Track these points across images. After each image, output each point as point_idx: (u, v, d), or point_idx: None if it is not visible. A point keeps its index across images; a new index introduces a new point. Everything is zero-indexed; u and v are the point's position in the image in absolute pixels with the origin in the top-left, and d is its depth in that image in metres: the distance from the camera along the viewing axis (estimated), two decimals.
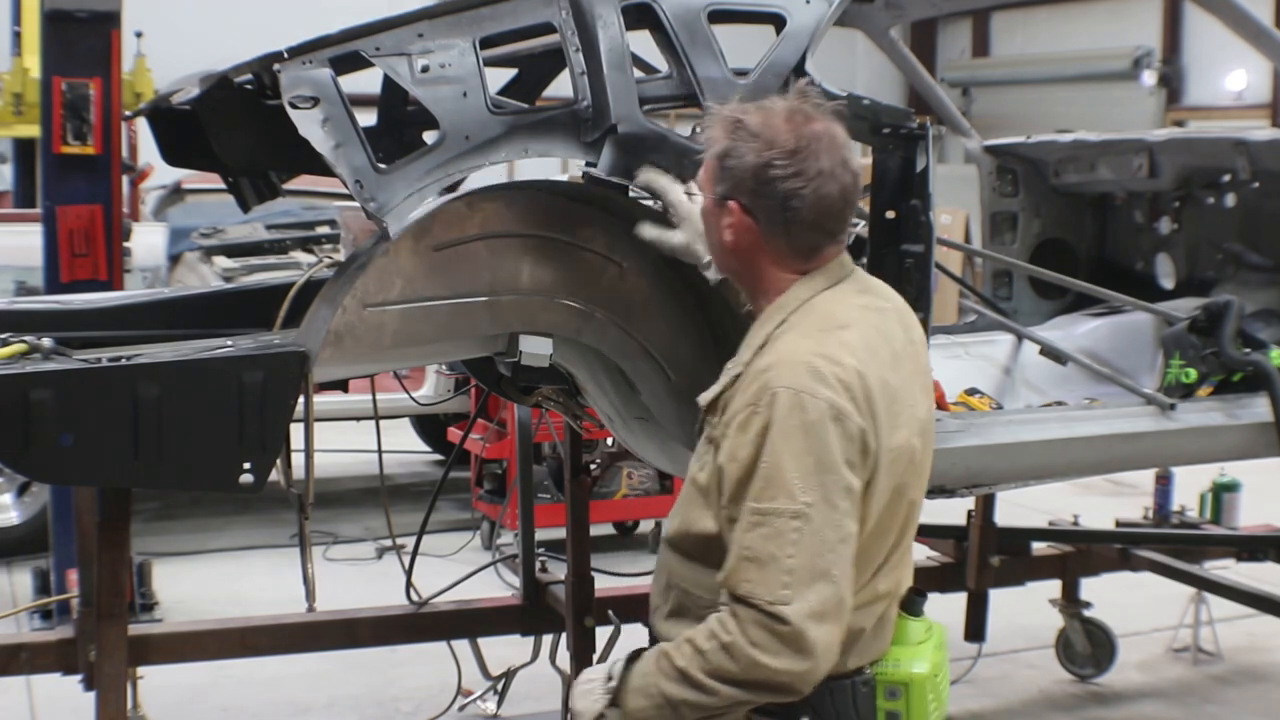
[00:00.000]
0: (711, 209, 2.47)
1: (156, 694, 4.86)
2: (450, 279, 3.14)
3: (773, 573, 2.17)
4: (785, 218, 2.38)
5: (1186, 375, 4.27)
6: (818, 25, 3.57)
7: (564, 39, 3.29)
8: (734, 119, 2.42)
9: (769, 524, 2.19)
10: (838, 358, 2.29)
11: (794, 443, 2.21)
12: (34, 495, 7.01)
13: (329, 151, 3.01)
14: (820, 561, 2.19)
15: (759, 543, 2.19)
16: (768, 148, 2.37)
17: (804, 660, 2.18)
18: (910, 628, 2.47)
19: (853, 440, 2.25)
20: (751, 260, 2.44)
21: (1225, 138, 4.84)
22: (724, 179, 2.42)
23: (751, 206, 2.39)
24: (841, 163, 2.40)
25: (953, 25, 23.27)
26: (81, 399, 2.81)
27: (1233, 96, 19.15)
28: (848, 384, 2.26)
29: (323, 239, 8.28)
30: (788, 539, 2.18)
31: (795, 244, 2.41)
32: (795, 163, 2.36)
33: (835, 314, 2.38)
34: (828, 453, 2.22)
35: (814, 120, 2.40)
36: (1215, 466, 5.79)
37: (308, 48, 3.11)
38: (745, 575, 2.19)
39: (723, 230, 2.43)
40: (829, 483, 2.21)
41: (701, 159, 2.50)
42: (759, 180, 2.37)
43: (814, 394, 2.23)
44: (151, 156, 5.51)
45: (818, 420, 2.22)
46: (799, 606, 2.17)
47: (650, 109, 3.34)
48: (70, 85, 5.42)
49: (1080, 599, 5.78)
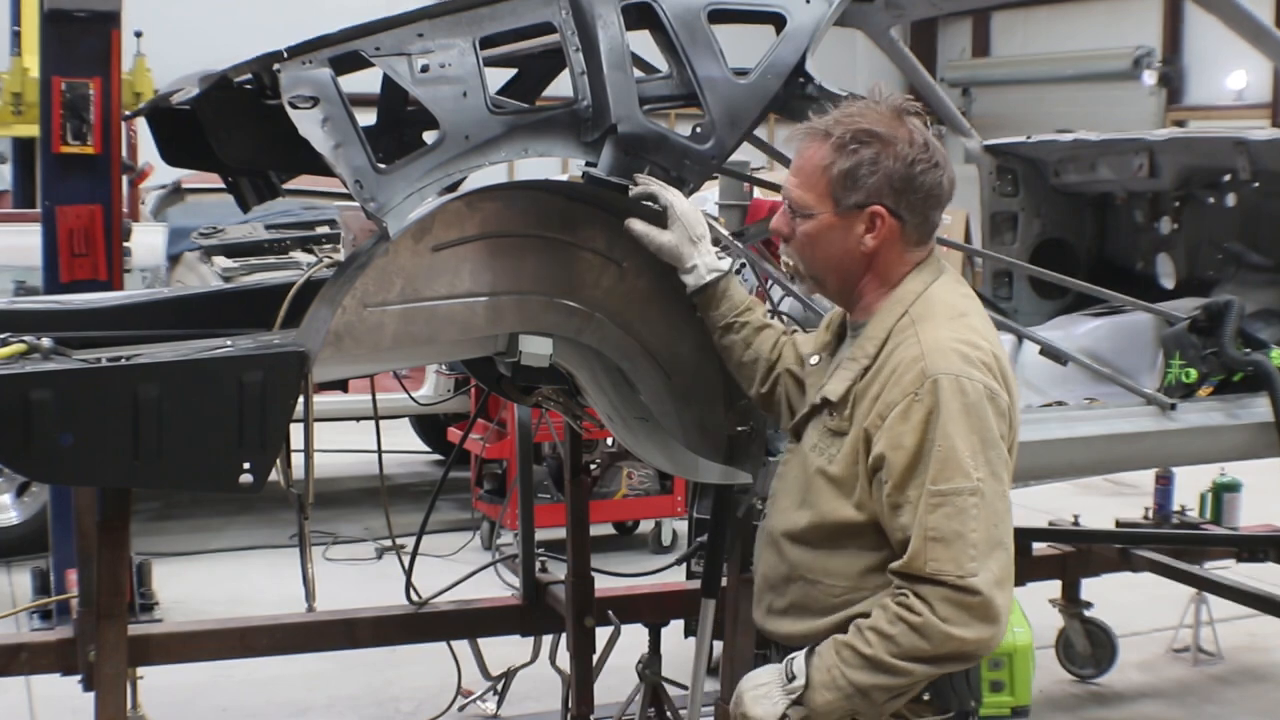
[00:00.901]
0: (837, 223, 2.51)
1: (156, 694, 4.86)
2: (450, 279, 3.14)
3: (960, 549, 2.29)
4: (926, 210, 2.49)
5: (1187, 375, 4.27)
6: (818, 25, 3.57)
7: (564, 39, 3.29)
8: (847, 131, 2.47)
9: (950, 503, 2.31)
10: (976, 342, 2.43)
11: (961, 424, 2.33)
12: (34, 495, 7.02)
13: (329, 151, 3.01)
14: (996, 531, 2.33)
15: (943, 522, 2.30)
16: (908, 147, 2.46)
17: (993, 626, 2.29)
18: None
19: (1004, 416, 2.40)
20: (876, 260, 2.52)
21: (1226, 137, 4.84)
22: (857, 189, 2.47)
23: (897, 207, 2.47)
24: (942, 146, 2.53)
25: (953, 25, 23.27)
26: (81, 399, 2.81)
27: (1233, 96, 19.15)
28: (990, 365, 2.41)
29: (323, 239, 8.28)
30: (970, 515, 2.30)
31: (924, 234, 2.53)
32: (930, 155, 2.47)
33: (954, 303, 2.51)
34: (989, 430, 2.36)
35: (912, 113, 2.51)
36: (1215, 466, 5.79)
37: (308, 48, 3.10)
38: (932, 555, 2.30)
39: (857, 243, 2.50)
40: (993, 457, 2.35)
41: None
42: (907, 180, 2.46)
43: (970, 376, 2.37)
44: (151, 156, 5.51)
45: (977, 401, 2.35)
46: (985, 577, 2.29)
47: (650, 109, 3.34)
48: (70, 85, 5.43)
49: (1080, 599, 5.78)
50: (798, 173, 2.54)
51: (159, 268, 7.77)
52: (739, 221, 7.07)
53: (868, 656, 2.32)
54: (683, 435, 3.37)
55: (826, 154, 2.49)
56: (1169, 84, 20.22)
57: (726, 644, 4.04)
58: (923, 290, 2.51)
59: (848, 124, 2.48)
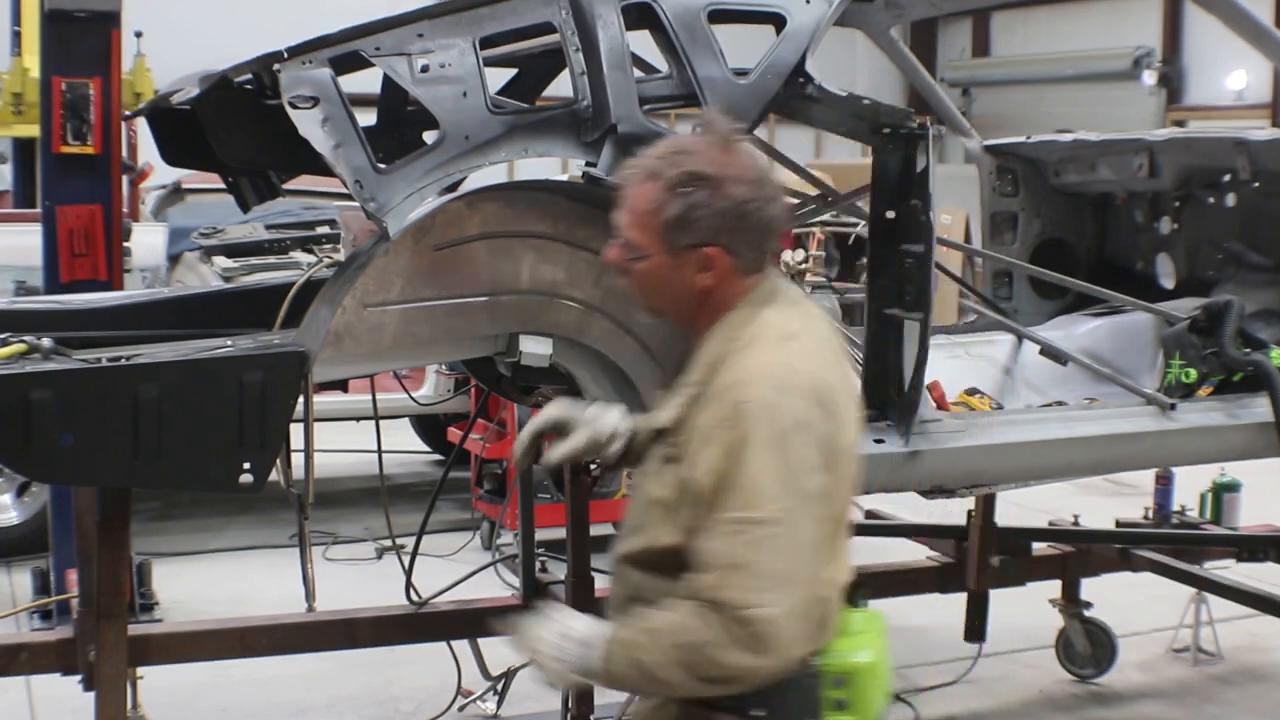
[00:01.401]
0: (670, 263, 2.46)
1: (156, 694, 4.85)
2: (450, 279, 3.15)
3: (750, 578, 2.26)
4: (760, 241, 2.44)
5: (1187, 375, 4.27)
6: (818, 25, 3.57)
7: (564, 39, 3.30)
8: (677, 174, 2.41)
9: (748, 532, 2.27)
10: (798, 367, 2.37)
11: (768, 453, 2.29)
12: (34, 495, 7.01)
13: (329, 151, 3.01)
14: (794, 564, 2.29)
15: (739, 549, 2.27)
16: (738, 185, 2.40)
17: (767, 657, 2.28)
18: (851, 619, 2.53)
19: (819, 445, 2.34)
20: (713, 294, 2.47)
21: (1226, 137, 4.84)
22: (689, 232, 2.42)
23: (732, 245, 2.42)
24: (771, 169, 2.48)
25: (953, 25, 23.27)
26: (81, 399, 2.81)
27: (1233, 96, 19.15)
28: (810, 391, 2.35)
29: (323, 239, 8.27)
30: (765, 545, 2.27)
31: (760, 262, 2.47)
32: (761, 190, 2.42)
33: (785, 327, 2.45)
34: (799, 459, 2.31)
35: (739, 139, 2.45)
36: (1215, 466, 5.79)
37: (308, 48, 3.11)
38: (723, 581, 2.27)
39: (691, 283, 2.46)
40: (800, 489, 2.31)
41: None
42: (739, 219, 2.41)
43: (782, 404, 2.31)
44: (151, 156, 5.51)
45: (789, 429, 2.30)
46: (771, 610, 2.26)
47: (650, 109, 3.34)
48: (70, 85, 5.42)
49: (1080, 599, 5.78)
50: (630, 213, 2.48)
51: (159, 268, 7.76)
52: None
53: (645, 665, 2.33)
54: None
55: (656, 196, 2.42)
56: (1169, 84, 20.22)
57: None
58: (755, 314, 2.46)
59: (677, 164, 2.41)
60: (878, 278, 3.65)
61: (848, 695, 2.44)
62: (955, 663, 5.75)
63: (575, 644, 2.42)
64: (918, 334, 3.58)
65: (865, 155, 3.41)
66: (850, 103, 3.60)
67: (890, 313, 3.61)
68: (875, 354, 3.67)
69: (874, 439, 3.65)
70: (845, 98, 3.60)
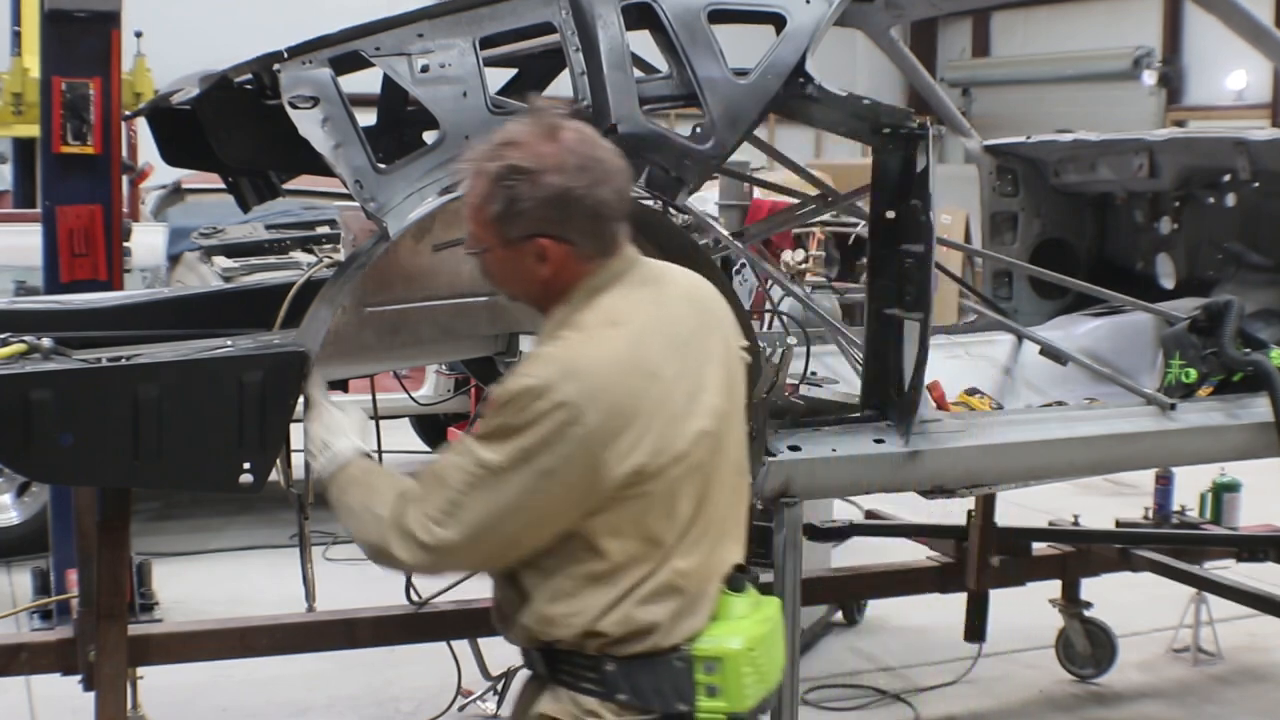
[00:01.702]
0: (508, 255, 2.49)
1: (156, 694, 4.85)
2: (450, 279, 3.15)
3: (441, 499, 2.40)
4: (595, 226, 2.45)
5: (1186, 375, 4.27)
6: (818, 25, 3.57)
7: (564, 39, 3.30)
8: (499, 168, 2.43)
9: (469, 458, 2.39)
10: (595, 356, 2.39)
11: (523, 417, 2.34)
12: (34, 495, 7.01)
13: (329, 151, 3.01)
14: (481, 514, 2.38)
15: (451, 470, 2.40)
16: (558, 175, 2.40)
17: (417, 565, 2.48)
18: (732, 604, 2.54)
19: (570, 439, 2.35)
20: (560, 278, 2.49)
21: (1225, 137, 4.84)
22: (517, 224, 2.44)
23: (561, 233, 2.44)
24: (605, 147, 2.48)
25: (953, 25, 23.28)
26: (81, 399, 2.81)
27: (1233, 96, 19.16)
28: (587, 385, 2.36)
29: (323, 239, 8.26)
30: (472, 482, 2.38)
31: (601, 246, 2.48)
32: (586, 174, 2.42)
33: (613, 310, 2.46)
34: (543, 440, 2.34)
35: (566, 126, 2.44)
36: (1215, 466, 5.79)
37: (308, 48, 3.11)
38: (424, 486, 2.43)
39: (532, 271, 2.48)
40: (532, 466, 2.35)
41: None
42: (564, 207, 2.42)
43: (553, 391, 2.34)
44: (151, 156, 5.51)
45: (546, 411, 2.34)
46: (442, 536, 2.39)
47: (650, 109, 3.34)
48: (70, 85, 5.42)
49: (1080, 599, 5.78)
50: (466, 208, 2.53)
51: (159, 268, 7.76)
52: (739, 221, 7.09)
53: (346, 504, 2.53)
54: None
55: (482, 191, 2.45)
56: (1169, 84, 20.23)
57: None
58: (592, 296, 2.48)
59: (499, 157, 2.43)
60: (878, 278, 3.65)
61: (719, 681, 2.48)
62: (955, 663, 5.75)
63: (324, 453, 2.61)
64: (918, 334, 3.58)
65: (865, 155, 3.41)
66: (850, 103, 3.60)
67: (890, 313, 3.61)
68: (875, 354, 3.67)
69: (874, 439, 3.65)
70: (845, 98, 3.60)
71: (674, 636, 2.47)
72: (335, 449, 2.62)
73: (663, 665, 2.45)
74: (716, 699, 2.48)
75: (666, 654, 2.46)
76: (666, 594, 2.45)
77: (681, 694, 2.47)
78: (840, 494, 5.66)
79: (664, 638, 2.46)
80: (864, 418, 3.69)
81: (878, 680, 5.76)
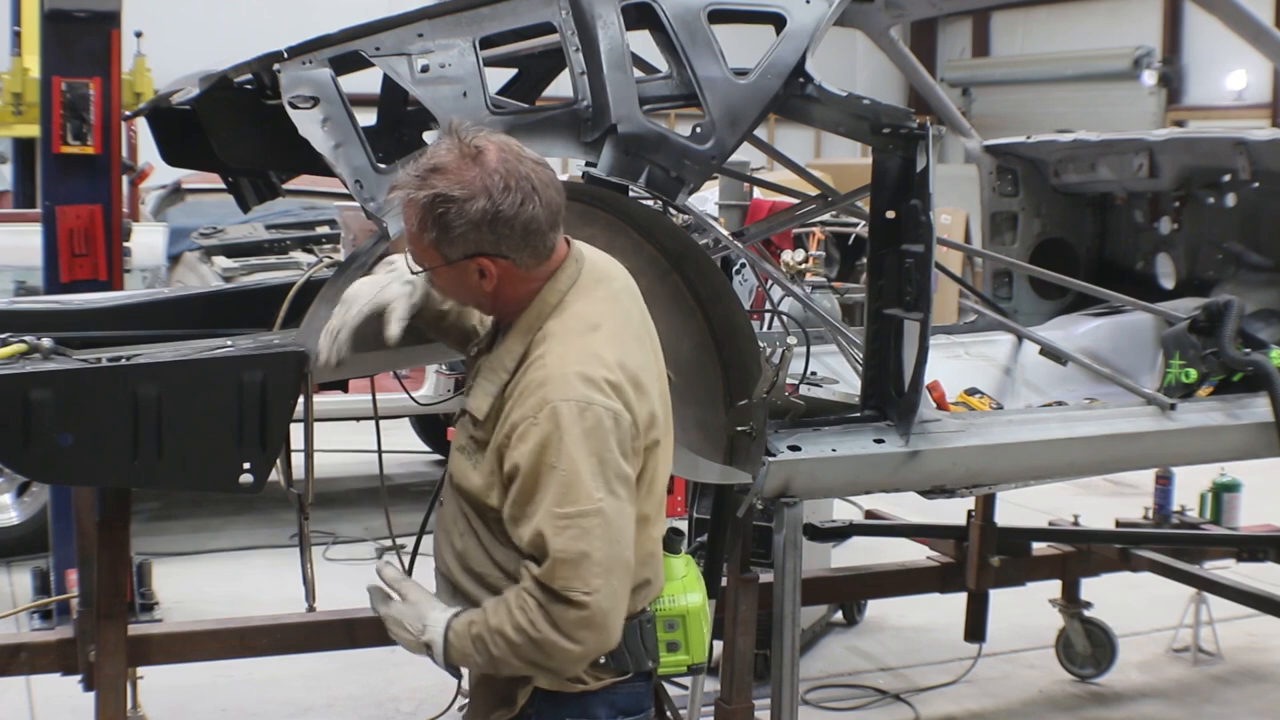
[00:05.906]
0: (452, 273, 2.56)
1: (156, 694, 4.86)
2: None
3: (586, 568, 2.42)
4: (528, 240, 2.50)
5: (1186, 375, 4.27)
6: (818, 25, 3.57)
7: (564, 39, 3.30)
8: (427, 198, 2.47)
9: (575, 525, 2.42)
10: (603, 359, 2.50)
11: (581, 448, 2.43)
12: (34, 495, 7.01)
13: (329, 151, 3.01)
14: (617, 547, 2.46)
15: (570, 544, 2.42)
16: (484, 198, 2.45)
17: (604, 635, 2.47)
18: (673, 564, 2.72)
19: (626, 434, 2.49)
20: (507, 289, 2.56)
21: (1225, 137, 4.84)
22: (453, 246, 2.50)
23: (497, 251, 2.50)
24: (531, 161, 2.52)
25: (953, 25, 23.29)
26: (81, 399, 2.81)
27: (1233, 96, 19.17)
28: (615, 383, 2.49)
29: (323, 239, 8.27)
30: (594, 535, 2.42)
31: (540, 254, 2.54)
32: (512, 192, 2.46)
33: (589, 315, 2.56)
34: (608, 451, 2.45)
35: (487, 147, 2.48)
36: (1215, 466, 5.79)
37: (308, 48, 3.11)
38: (560, 574, 2.42)
39: (478, 286, 2.56)
40: (612, 476, 2.46)
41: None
42: (494, 226, 2.47)
43: (590, 400, 2.45)
44: (151, 156, 5.51)
45: (596, 425, 2.44)
46: (606, 593, 2.44)
47: (650, 109, 3.34)
48: (70, 85, 5.42)
49: (1080, 599, 5.78)
50: (405, 233, 2.58)
51: (159, 268, 7.76)
52: (739, 221, 7.09)
53: (494, 656, 2.49)
54: (682, 435, 3.36)
55: (416, 218, 2.51)
56: (1169, 84, 20.24)
57: (726, 643, 4.05)
58: (558, 301, 2.56)
59: (426, 186, 2.48)
60: (878, 278, 3.65)
61: (679, 637, 2.67)
62: (955, 663, 5.75)
63: (416, 633, 2.59)
64: (918, 334, 3.58)
65: (865, 155, 3.41)
66: (850, 103, 3.60)
67: (890, 313, 3.61)
68: (875, 354, 3.67)
69: (874, 439, 3.65)
70: (845, 98, 3.60)
71: (643, 601, 2.62)
72: (423, 621, 2.59)
73: (632, 628, 2.58)
74: (678, 654, 2.67)
75: (635, 618, 2.60)
76: (648, 562, 2.61)
77: (650, 652, 2.63)
78: (840, 494, 5.67)
79: (638, 602, 2.60)
80: (864, 418, 3.69)
81: (878, 680, 5.76)
